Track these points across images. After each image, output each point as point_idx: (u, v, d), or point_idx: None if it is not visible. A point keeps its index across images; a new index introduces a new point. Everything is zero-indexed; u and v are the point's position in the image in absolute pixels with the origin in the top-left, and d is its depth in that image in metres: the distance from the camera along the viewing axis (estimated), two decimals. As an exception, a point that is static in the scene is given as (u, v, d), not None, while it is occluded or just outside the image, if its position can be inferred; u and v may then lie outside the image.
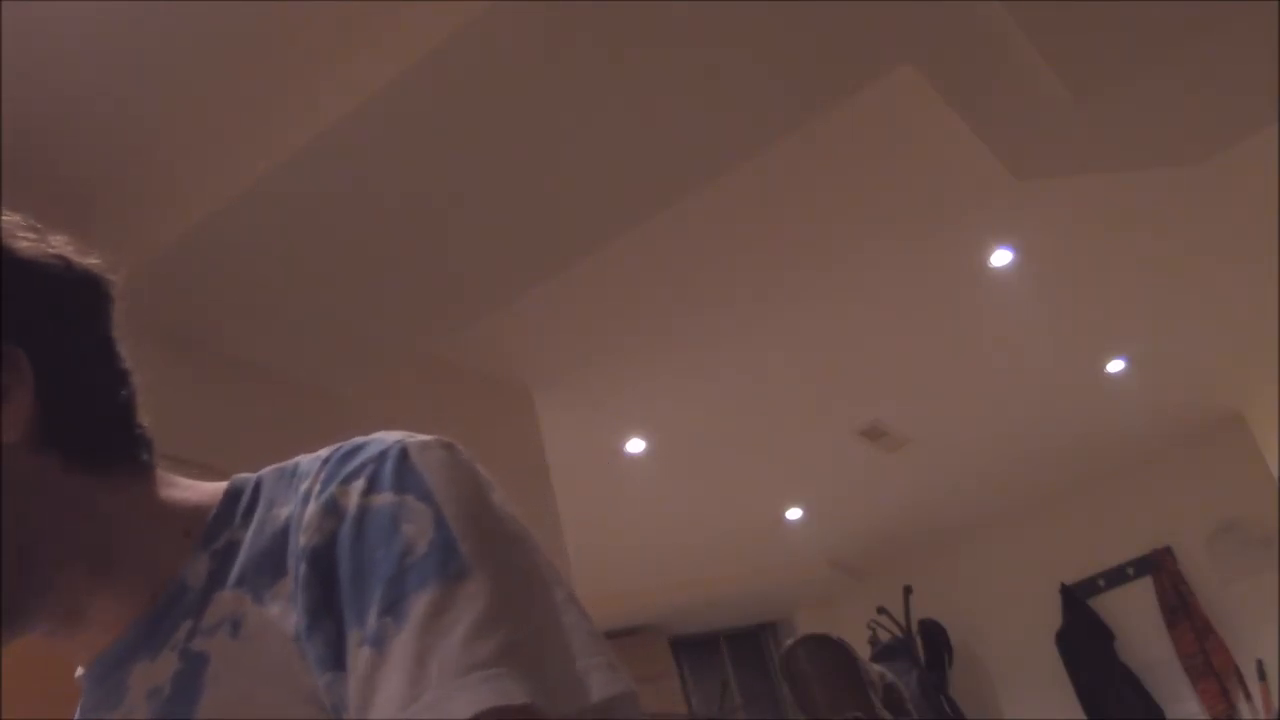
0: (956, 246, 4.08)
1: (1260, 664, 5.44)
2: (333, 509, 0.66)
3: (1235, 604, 5.65)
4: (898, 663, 6.06)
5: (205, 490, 0.76)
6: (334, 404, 3.17)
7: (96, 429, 0.74)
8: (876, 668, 3.12)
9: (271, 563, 0.68)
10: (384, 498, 0.66)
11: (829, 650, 2.96)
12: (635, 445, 4.77)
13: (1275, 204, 3.87)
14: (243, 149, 2.51)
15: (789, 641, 3.09)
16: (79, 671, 0.75)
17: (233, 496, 0.74)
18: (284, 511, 0.70)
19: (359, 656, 0.61)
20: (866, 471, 5.46)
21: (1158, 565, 5.91)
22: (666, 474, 4.96)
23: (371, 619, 0.62)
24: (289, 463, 0.74)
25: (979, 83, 2.89)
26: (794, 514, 5.81)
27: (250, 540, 0.71)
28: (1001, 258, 4.18)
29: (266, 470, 0.75)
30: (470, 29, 2.23)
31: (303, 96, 2.44)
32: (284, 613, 0.66)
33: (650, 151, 2.73)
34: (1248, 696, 5.47)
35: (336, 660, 0.63)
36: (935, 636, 6.26)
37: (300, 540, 0.66)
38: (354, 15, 2.38)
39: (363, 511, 0.65)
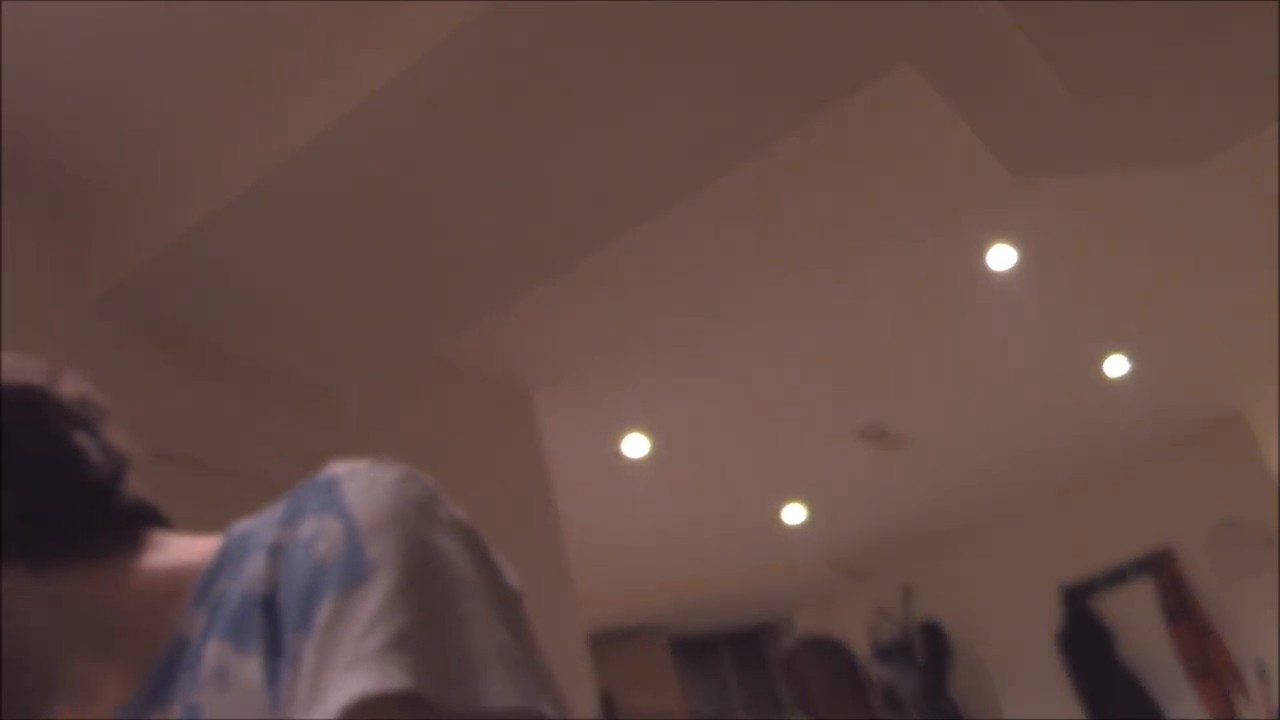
0: (957, 246, 4.08)
1: (1260, 664, 5.44)
2: (275, 553, 0.68)
3: (1235, 604, 5.65)
4: (898, 663, 6.08)
5: (203, 546, 0.77)
6: (334, 404, 3.17)
7: (56, 529, 0.75)
8: (876, 668, 3.12)
9: (243, 616, 0.69)
10: (309, 525, 0.67)
11: (829, 651, 2.95)
12: (635, 445, 4.77)
13: (1275, 204, 3.88)
14: (243, 149, 2.51)
15: (789, 642, 3.09)
16: None
17: (225, 547, 0.75)
18: (255, 561, 0.70)
19: (285, 679, 0.62)
20: (867, 472, 5.46)
21: (1158, 565, 5.91)
22: (666, 474, 4.96)
23: (290, 642, 0.63)
24: (274, 506, 0.74)
25: (979, 83, 2.89)
26: (794, 514, 5.81)
27: (232, 591, 0.71)
28: (1001, 258, 4.18)
29: (261, 513, 0.76)
30: (470, 29, 2.23)
31: (303, 96, 2.44)
32: (254, 665, 0.67)
33: (650, 151, 2.73)
34: (1248, 696, 5.47)
35: (281, 698, 0.63)
36: (935, 637, 6.26)
37: (256, 590, 0.67)
38: (353, 16, 2.38)
39: (292, 545, 0.67)
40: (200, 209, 2.55)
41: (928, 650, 6.19)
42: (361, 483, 0.68)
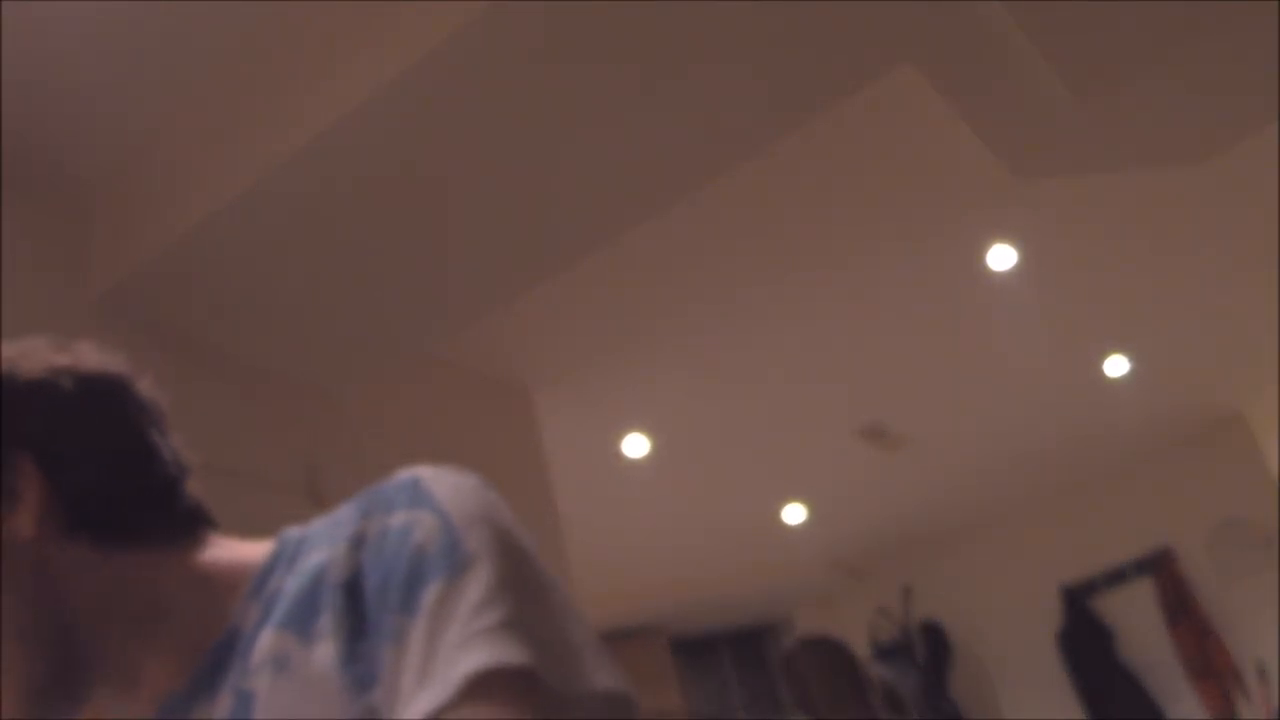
0: (957, 247, 4.08)
1: (1260, 664, 5.44)
2: (358, 542, 0.72)
3: (1235, 604, 5.65)
4: (898, 663, 6.08)
5: (258, 548, 0.82)
6: (334, 404, 3.17)
7: (122, 511, 0.80)
8: (876, 668, 3.12)
9: (311, 603, 0.73)
10: (399, 517, 0.71)
11: (829, 651, 2.95)
12: (634, 445, 4.77)
13: (1275, 204, 3.87)
14: (243, 149, 2.51)
15: (789, 642, 3.09)
16: None
17: (279, 548, 0.80)
18: (318, 556, 0.75)
19: (385, 657, 0.66)
20: (867, 472, 5.46)
21: (1158, 565, 5.90)
22: (666, 474, 4.96)
23: (391, 622, 0.66)
24: (336, 511, 0.79)
25: (979, 83, 2.89)
26: (794, 514, 5.81)
27: (291, 585, 0.76)
28: (1001, 258, 4.18)
29: (316, 520, 0.81)
30: (470, 29, 2.23)
31: (303, 96, 2.44)
32: (325, 648, 0.70)
33: (649, 152, 2.73)
34: (1248, 696, 5.47)
35: (377, 675, 0.66)
36: (935, 637, 6.26)
37: (335, 575, 0.72)
38: (353, 16, 2.38)
39: (381, 534, 0.71)
40: (200, 209, 2.55)
41: (928, 650, 6.19)
42: (449, 483, 0.73)
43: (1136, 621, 5.88)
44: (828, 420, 5.00)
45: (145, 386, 0.86)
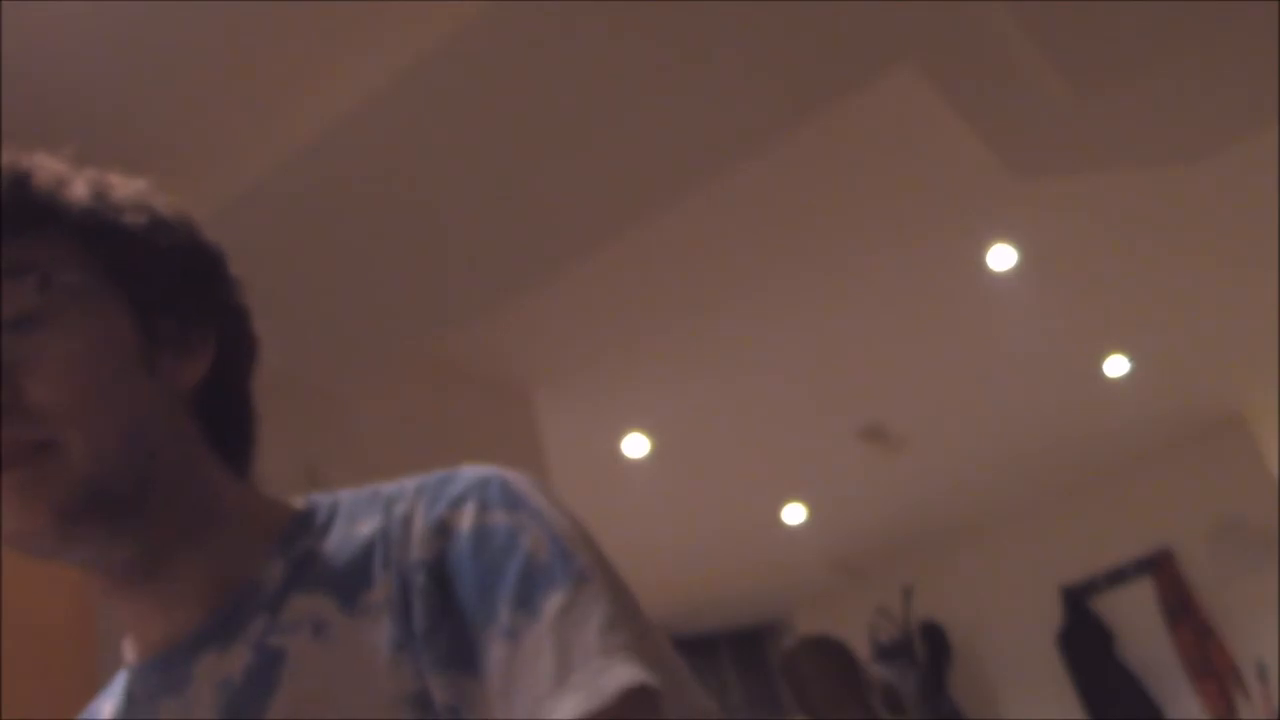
0: (957, 247, 4.08)
1: (1260, 664, 5.44)
2: (442, 529, 0.73)
3: (1235, 604, 5.64)
4: (898, 663, 6.07)
5: (284, 503, 0.83)
6: (334, 404, 3.17)
7: (235, 420, 0.85)
8: (876, 668, 3.12)
9: (357, 574, 0.74)
10: (498, 516, 0.73)
11: (829, 651, 2.95)
12: (635, 445, 4.77)
13: (1275, 204, 3.87)
14: (242, 149, 2.51)
15: (788, 642, 3.09)
16: (128, 660, 0.79)
17: (311, 510, 0.81)
18: (366, 529, 0.76)
19: (494, 649, 0.67)
20: (866, 472, 5.46)
21: (1158, 565, 5.90)
22: (666, 474, 4.96)
23: (504, 617, 0.68)
24: (367, 488, 0.81)
25: (979, 82, 2.89)
26: (794, 514, 5.81)
27: (331, 552, 0.76)
28: (1001, 258, 4.18)
29: (344, 492, 0.82)
30: (470, 29, 2.23)
31: (303, 96, 2.44)
32: (375, 622, 0.71)
33: (649, 152, 2.73)
34: (1248, 696, 5.47)
35: (461, 659, 0.68)
36: (935, 637, 6.25)
37: (414, 554, 0.72)
38: (353, 16, 2.38)
39: (480, 529, 0.72)
40: (200, 209, 2.55)
41: (928, 650, 6.18)
42: (541, 492, 0.77)
43: (1136, 621, 5.88)
44: (828, 420, 5.00)
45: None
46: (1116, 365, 5.12)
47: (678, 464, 4.95)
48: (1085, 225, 4.07)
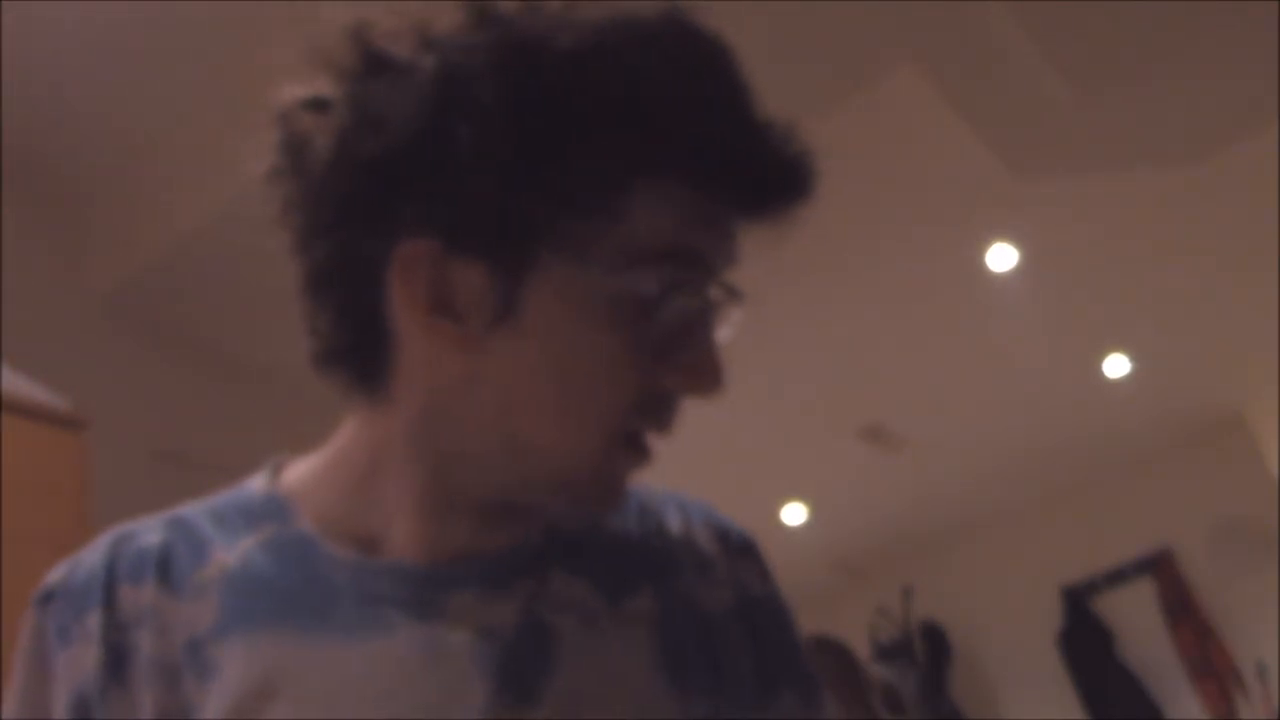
0: (957, 247, 4.08)
1: (1260, 664, 5.44)
2: (732, 582, 0.82)
3: (1235, 604, 5.64)
4: (898, 664, 6.07)
5: None
6: (334, 404, 3.17)
7: None
8: (876, 669, 3.12)
9: (618, 573, 0.76)
10: (775, 590, 0.85)
11: (828, 651, 2.95)
12: (635, 445, 4.77)
13: (1275, 204, 3.87)
14: (242, 149, 2.51)
15: (789, 642, 3.07)
16: (322, 535, 0.76)
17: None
18: (618, 526, 0.82)
19: (788, 703, 0.78)
20: (867, 472, 5.46)
21: (1158, 565, 5.90)
22: (665, 474, 4.94)
23: (803, 683, 0.80)
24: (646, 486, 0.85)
25: (979, 83, 2.89)
26: (794, 514, 5.81)
27: (587, 538, 0.78)
28: (1001, 258, 4.18)
29: None
30: (470, 29, 2.23)
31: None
32: (635, 630, 0.73)
33: (650, 151, 2.73)
34: (1248, 696, 5.47)
35: (728, 694, 0.74)
36: (935, 637, 6.25)
37: (702, 592, 0.79)
38: (354, 15, 2.37)
39: (772, 598, 0.83)
40: (200, 209, 2.55)
41: (928, 650, 6.18)
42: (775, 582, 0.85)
43: (1136, 621, 5.88)
44: (828, 420, 5.00)
45: None
46: (1116, 365, 5.12)
47: (676, 464, 4.92)
48: (1085, 225, 4.07)
